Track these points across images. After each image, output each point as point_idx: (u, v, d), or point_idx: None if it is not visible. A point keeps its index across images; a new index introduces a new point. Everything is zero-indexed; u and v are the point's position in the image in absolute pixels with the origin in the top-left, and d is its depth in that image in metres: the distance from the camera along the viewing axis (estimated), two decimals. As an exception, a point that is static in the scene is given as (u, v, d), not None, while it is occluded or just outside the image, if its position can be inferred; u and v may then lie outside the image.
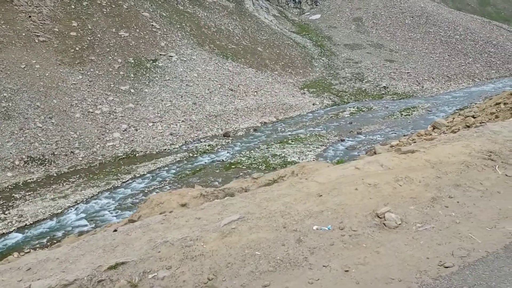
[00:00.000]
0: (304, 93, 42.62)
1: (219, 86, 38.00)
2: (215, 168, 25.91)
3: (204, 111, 34.14)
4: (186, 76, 37.49)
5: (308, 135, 31.66)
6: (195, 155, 27.99)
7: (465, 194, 5.98)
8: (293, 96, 41.07)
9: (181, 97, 34.76)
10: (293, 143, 29.85)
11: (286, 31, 58.46)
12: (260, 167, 25.86)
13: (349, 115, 37.26)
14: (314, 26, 63.34)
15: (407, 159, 7.36)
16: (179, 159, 27.37)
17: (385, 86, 46.38)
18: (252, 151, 28.70)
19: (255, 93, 38.90)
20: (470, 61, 54.76)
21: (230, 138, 31.39)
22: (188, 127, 31.76)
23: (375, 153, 12.18)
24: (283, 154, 27.51)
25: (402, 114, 36.74)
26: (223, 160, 27.11)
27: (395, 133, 30.33)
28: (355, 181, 6.67)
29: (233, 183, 11.78)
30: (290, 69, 47.39)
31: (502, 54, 57.71)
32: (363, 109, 39.09)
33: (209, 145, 29.73)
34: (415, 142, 12.47)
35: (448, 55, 55.98)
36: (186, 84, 36.45)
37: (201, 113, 33.79)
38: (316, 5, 68.84)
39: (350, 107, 39.86)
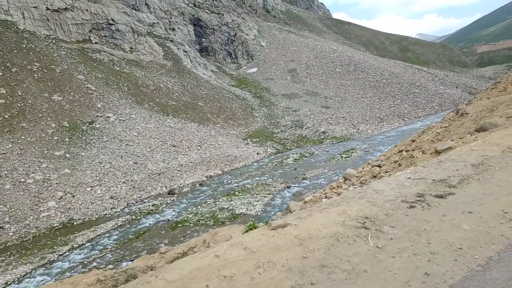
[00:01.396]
0: (248, 143, 43.10)
1: (161, 143, 37.44)
2: (161, 229, 24.83)
3: (146, 170, 33.20)
4: (126, 136, 36.64)
5: (255, 184, 31.63)
6: (138, 217, 26.74)
7: (329, 278, 5.21)
8: (237, 147, 41.33)
9: (121, 157, 33.70)
10: (240, 194, 29.59)
11: (226, 85, 59.91)
12: (208, 222, 25.19)
13: (293, 162, 37.93)
14: (252, 79, 65.58)
15: (275, 237, 6.37)
16: (121, 223, 25.98)
17: (324, 131, 48.21)
18: (199, 206, 28.01)
19: (199, 147, 38.69)
20: (398, 102, 58.84)
21: (176, 196, 30.53)
22: (129, 188, 30.56)
23: (290, 211, 12.10)
24: (231, 207, 27.09)
25: (342, 156, 38.06)
26: (168, 219, 26.12)
27: (338, 175, 31.14)
28: (209, 275, 5.69)
29: (137, 261, 10.49)
30: (232, 121, 48.05)
31: (425, 94, 62.75)
32: (306, 155, 40.06)
33: (153, 205, 28.63)
34: (326, 197, 12.23)
35: (378, 98, 59.84)
36: (126, 144, 35.54)
37: (143, 172, 32.80)
38: (252, 59, 71.73)
39: (293, 154, 40.70)
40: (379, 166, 14.36)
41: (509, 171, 6.80)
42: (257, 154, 40.25)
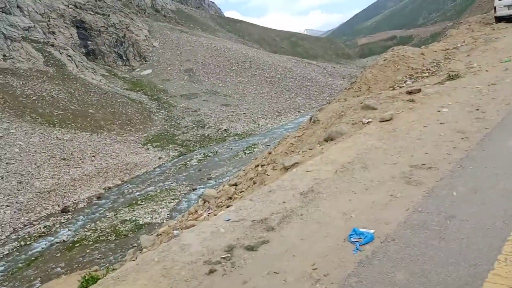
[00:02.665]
0: (148, 148, 41.20)
1: (49, 157, 33.89)
2: (56, 252, 22.42)
3: (33, 188, 29.73)
4: (5, 154, 32.42)
5: (159, 191, 30.27)
6: (28, 242, 23.86)
7: None
8: (136, 153, 39.23)
9: (1, 178, 29.71)
10: (143, 203, 28.05)
11: (118, 89, 56.61)
12: (109, 238, 23.45)
13: (197, 163, 37.18)
14: (147, 81, 62.99)
15: None
16: (7, 251, 22.97)
17: (226, 129, 48.21)
18: (98, 222, 25.91)
19: (93, 158, 35.87)
20: (293, 96, 61.35)
21: (70, 213, 27.86)
22: (15, 211, 27.07)
23: (141, 247, 10.91)
24: (134, 218, 25.52)
25: (245, 153, 38.35)
26: (64, 240, 23.70)
27: (242, 172, 31.25)
28: None
29: None
30: (129, 127, 45.54)
31: (317, 86, 66.39)
32: (209, 154, 39.59)
33: (45, 227, 25.74)
34: (181, 228, 10.51)
35: (274, 93, 61.72)
36: (6, 163, 31.44)
37: (29, 192, 29.30)
38: (146, 61, 68.91)
39: (196, 155, 39.94)
40: (235, 185, 12.34)
41: (335, 200, 5.79)
42: (159, 158, 38.67)
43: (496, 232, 4.35)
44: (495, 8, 23.64)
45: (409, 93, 10.93)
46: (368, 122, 9.23)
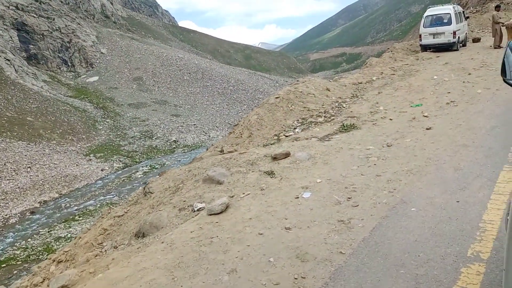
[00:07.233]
0: (90, 159, 39.17)
1: (-23, 168, 31.23)
2: (-23, 273, 20.37)
3: (-44, 203, 27.17)
4: None
5: (99, 205, 28.65)
6: None
7: None
8: (77, 164, 37.13)
9: None
10: (81, 218, 26.39)
11: (61, 96, 53.74)
12: (40, 257, 21.63)
13: (142, 175, 35.74)
14: (93, 89, 60.37)
15: None
16: None
17: (175, 140, 47.04)
18: (29, 239, 24.03)
19: (29, 169, 33.47)
20: (245, 108, 61.26)
21: (-1, 230, 25.65)
22: None
23: None
24: (69, 235, 23.87)
25: (194, 165, 37.44)
26: (-13, 260, 21.65)
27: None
28: None
29: None
30: (71, 136, 43.15)
31: (268, 99, 66.77)
32: (156, 166, 38.28)
33: (-33, 246, 23.45)
34: None
35: (226, 104, 61.37)
36: None
37: (-49, 206, 26.74)
38: (92, 68, 66.14)
39: (142, 167, 38.47)
40: (59, 261, 8.16)
41: None
42: (102, 170, 36.82)
43: None
44: (420, 36, 22.02)
45: (274, 158, 8.10)
46: (198, 210, 6.21)
